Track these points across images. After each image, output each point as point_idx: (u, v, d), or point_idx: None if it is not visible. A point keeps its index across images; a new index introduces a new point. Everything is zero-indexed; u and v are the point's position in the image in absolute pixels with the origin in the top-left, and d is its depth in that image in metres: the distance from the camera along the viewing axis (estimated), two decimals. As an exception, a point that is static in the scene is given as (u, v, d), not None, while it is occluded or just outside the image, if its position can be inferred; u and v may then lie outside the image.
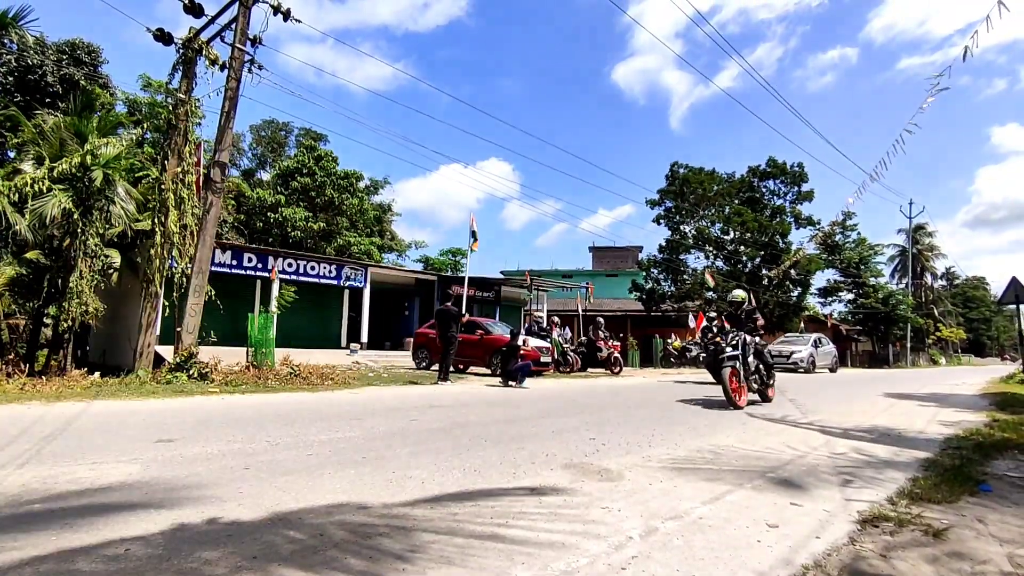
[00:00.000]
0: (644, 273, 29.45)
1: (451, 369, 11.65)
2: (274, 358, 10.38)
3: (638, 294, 28.91)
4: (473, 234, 15.26)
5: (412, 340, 15.64)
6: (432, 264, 45.00)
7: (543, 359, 13.35)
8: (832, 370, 22.39)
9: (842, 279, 37.26)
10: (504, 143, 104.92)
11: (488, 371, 13.19)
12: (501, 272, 46.67)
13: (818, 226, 28.62)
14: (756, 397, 7.98)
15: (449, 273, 41.58)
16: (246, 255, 16.81)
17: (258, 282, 17.96)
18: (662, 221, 29.02)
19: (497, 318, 22.70)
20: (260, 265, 16.97)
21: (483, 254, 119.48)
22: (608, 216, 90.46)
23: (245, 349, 10.48)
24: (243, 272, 16.73)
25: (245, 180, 33.59)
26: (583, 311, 23.98)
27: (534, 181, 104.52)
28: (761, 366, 7.70)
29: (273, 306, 16.33)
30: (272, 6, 9.60)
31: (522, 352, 11.45)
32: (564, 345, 15.11)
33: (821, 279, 36.13)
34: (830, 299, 38.58)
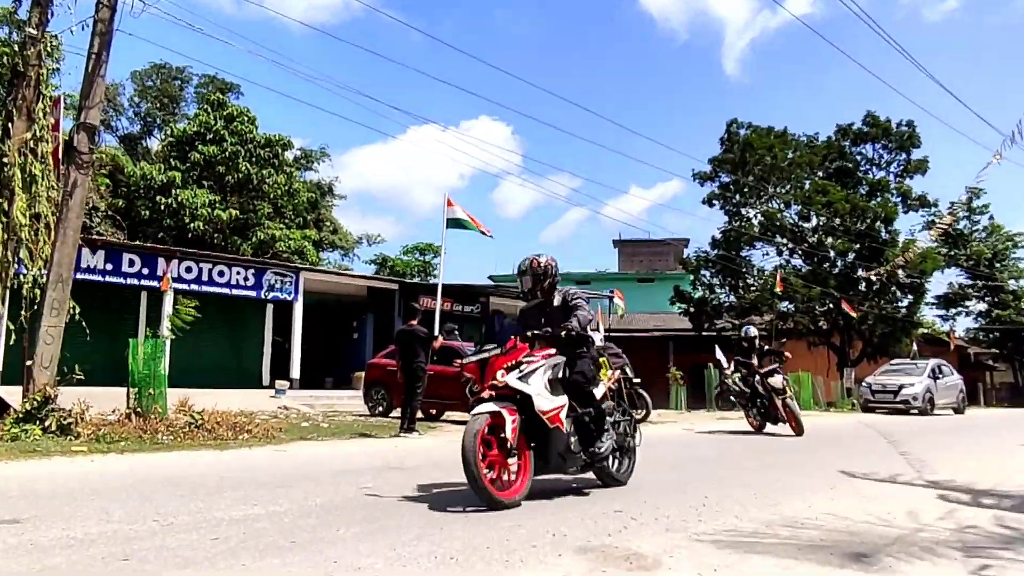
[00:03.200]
0: (691, 276, 29.57)
1: (419, 415, 11.64)
2: (166, 402, 10.35)
3: (684, 306, 29.01)
4: (456, 223, 15.09)
5: (364, 375, 15.60)
6: (393, 267, 45.05)
7: None
8: (958, 410, 22.55)
9: (970, 282, 37.57)
10: (500, 98, 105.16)
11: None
12: (490, 277, 46.66)
13: (935, 209, 28.91)
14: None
15: (416, 279, 41.70)
16: (126, 256, 16.78)
17: (143, 294, 17.88)
18: (716, 202, 29.25)
19: (484, 342, 22.68)
20: (146, 270, 16.93)
21: (466, 253, 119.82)
22: (643, 198, 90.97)
23: (125, 390, 10.44)
24: (122, 281, 16.66)
25: (124, 150, 33.55)
26: (606, 329, 24.01)
27: (541, 149, 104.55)
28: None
29: (165, 328, 16.20)
30: (161, -96, 9.66)
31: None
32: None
33: (940, 282, 36.45)
34: (953, 311, 38.88)
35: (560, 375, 5.17)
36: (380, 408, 14.27)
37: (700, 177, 29.34)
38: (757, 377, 11.62)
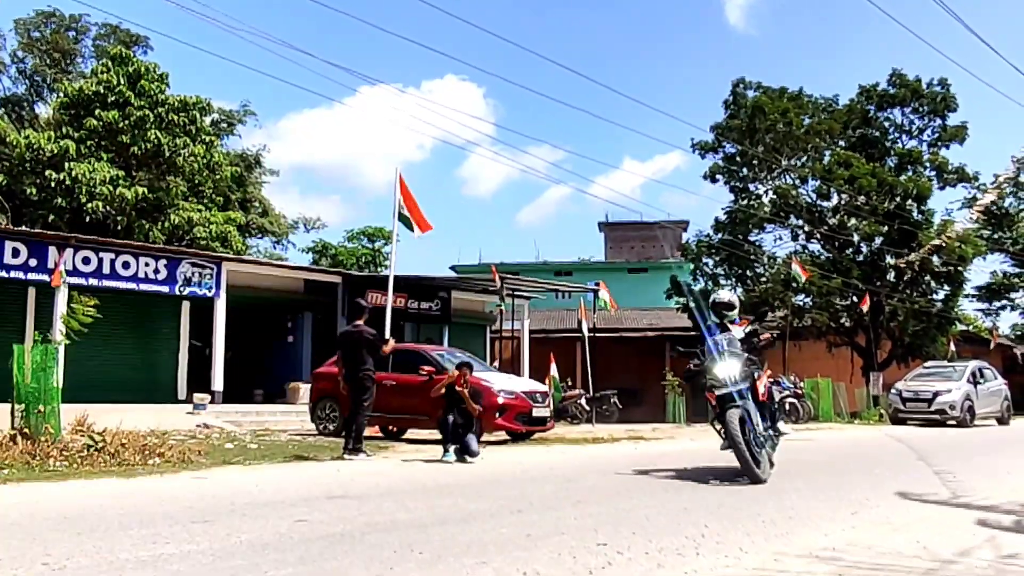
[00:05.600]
0: (691, 265, 29.73)
1: (378, 433, 11.59)
2: (60, 421, 10.22)
3: (682, 300, 29.14)
4: (404, 219, 14.64)
5: (310, 387, 15.46)
6: (335, 256, 44.84)
7: (537, 411, 13.45)
8: (1002, 421, 23.02)
9: (1017, 270, 38.23)
10: (470, 54, 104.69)
11: (441, 436, 13.19)
12: (452, 268, 46.72)
13: (976, 184, 29.36)
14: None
15: (364, 271, 41.49)
16: (9, 245, 16.49)
17: (31, 291, 17.58)
18: (720, 177, 29.44)
19: (446, 343, 22.70)
20: (34, 261, 16.66)
21: (423, 240, 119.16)
22: (637, 173, 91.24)
23: (9, 407, 10.32)
24: (4, 274, 16.38)
25: (8, 116, 32.88)
26: (590, 329, 24.09)
27: (517, 116, 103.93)
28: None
29: (58, 332, 15.99)
30: None
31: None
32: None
33: (982, 271, 37.04)
34: (997, 304, 39.54)
35: None
36: (331, 426, 14.12)
37: (701, 148, 29.50)
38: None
